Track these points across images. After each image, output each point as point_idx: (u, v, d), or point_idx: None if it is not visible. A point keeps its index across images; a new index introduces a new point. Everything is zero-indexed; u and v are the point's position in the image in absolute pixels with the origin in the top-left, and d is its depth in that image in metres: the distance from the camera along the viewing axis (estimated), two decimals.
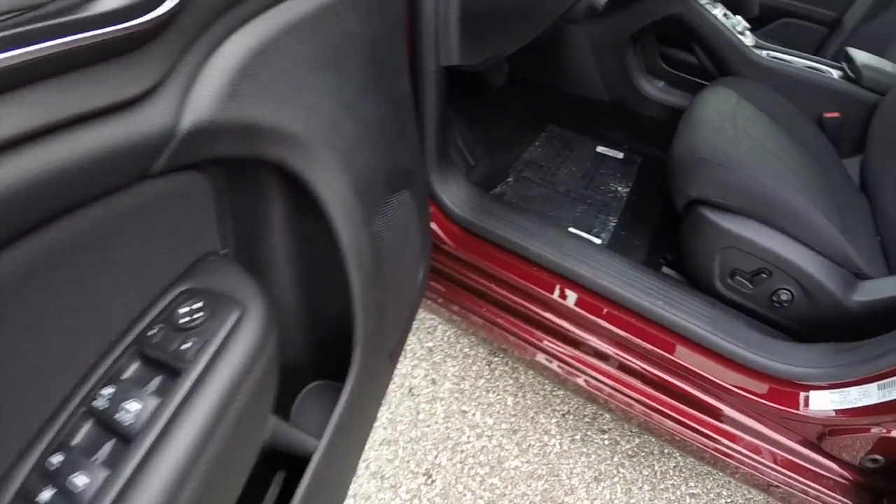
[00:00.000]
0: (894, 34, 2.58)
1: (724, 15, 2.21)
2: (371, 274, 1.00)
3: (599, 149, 2.48)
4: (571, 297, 1.61)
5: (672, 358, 1.50)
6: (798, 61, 2.18)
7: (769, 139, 1.73)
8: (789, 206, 1.48)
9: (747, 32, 2.23)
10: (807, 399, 1.38)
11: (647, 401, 1.60)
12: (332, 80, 0.89)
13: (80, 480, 0.64)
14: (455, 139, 2.15)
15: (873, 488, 1.42)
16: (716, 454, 1.54)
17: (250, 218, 0.95)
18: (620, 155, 2.45)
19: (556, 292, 1.62)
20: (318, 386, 1.17)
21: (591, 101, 2.67)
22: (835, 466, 1.45)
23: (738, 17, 2.25)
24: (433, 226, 1.71)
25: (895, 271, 1.54)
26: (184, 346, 0.72)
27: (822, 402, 1.36)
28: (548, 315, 1.67)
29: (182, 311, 0.76)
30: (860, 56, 2.10)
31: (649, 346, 1.52)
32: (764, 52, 2.18)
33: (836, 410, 1.33)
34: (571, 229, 2.03)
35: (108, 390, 0.71)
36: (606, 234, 2.04)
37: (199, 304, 0.77)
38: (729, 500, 1.99)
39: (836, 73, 2.13)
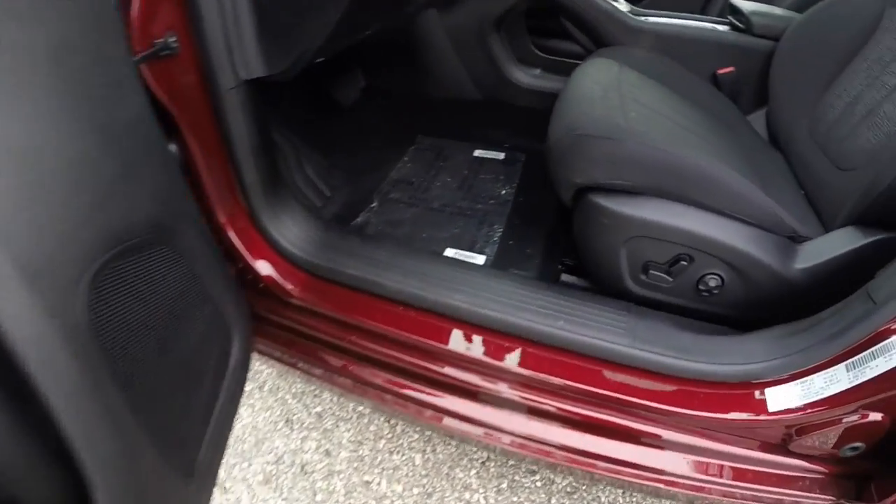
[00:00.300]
0: None
1: None
2: (81, 383, 0.69)
3: (477, 153, 2.21)
4: (450, 336, 1.32)
5: (589, 388, 1.24)
6: (681, 23, 2.01)
7: (662, 104, 1.51)
8: (700, 172, 1.25)
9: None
10: (763, 400, 1.17)
11: (570, 444, 1.33)
12: None
13: None
14: (304, 170, 1.89)
15: (857, 475, 1.24)
16: (664, 486, 1.30)
17: None
18: (501, 155, 2.20)
19: (431, 333, 1.32)
20: None
21: (462, 102, 2.42)
22: (807, 464, 1.26)
23: None
24: (274, 275, 1.44)
25: (831, 225, 1.33)
26: None
27: (782, 400, 1.16)
28: (426, 364, 1.38)
29: None
30: (746, 5, 1.97)
31: (558, 380, 1.25)
32: (642, 18, 2.00)
33: (799, 406, 1.13)
34: (449, 251, 1.75)
35: None
36: (491, 248, 1.76)
37: None
38: None
39: (722, 28, 2.00)
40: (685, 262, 1.30)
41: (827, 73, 1.57)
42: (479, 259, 1.71)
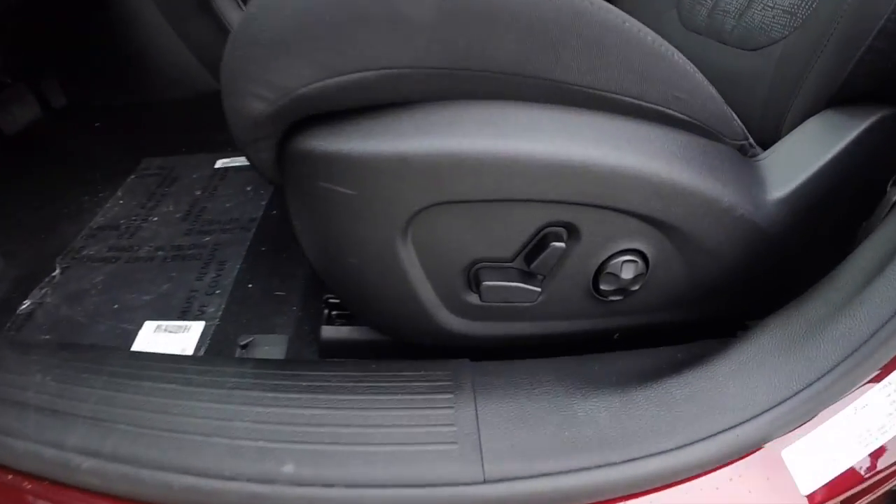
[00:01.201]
0: None
1: None
2: None
3: (220, 163, 1.58)
4: None
5: None
6: None
7: None
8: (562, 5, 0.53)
9: None
10: (784, 476, 0.57)
11: None
12: None
13: None
14: None
15: None
16: None
17: None
18: None
19: None
20: None
21: (198, 99, 1.80)
22: None
23: None
24: None
25: (771, 128, 0.77)
26: None
27: (823, 464, 0.57)
28: None
29: None
30: None
31: None
32: None
33: (856, 466, 0.57)
34: (147, 326, 1.05)
35: None
36: (219, 301, 1.09)
37: None
38: None
39: None
40: (560, 244, 0.63)
41: None
42: (194, 329, 1.04)
